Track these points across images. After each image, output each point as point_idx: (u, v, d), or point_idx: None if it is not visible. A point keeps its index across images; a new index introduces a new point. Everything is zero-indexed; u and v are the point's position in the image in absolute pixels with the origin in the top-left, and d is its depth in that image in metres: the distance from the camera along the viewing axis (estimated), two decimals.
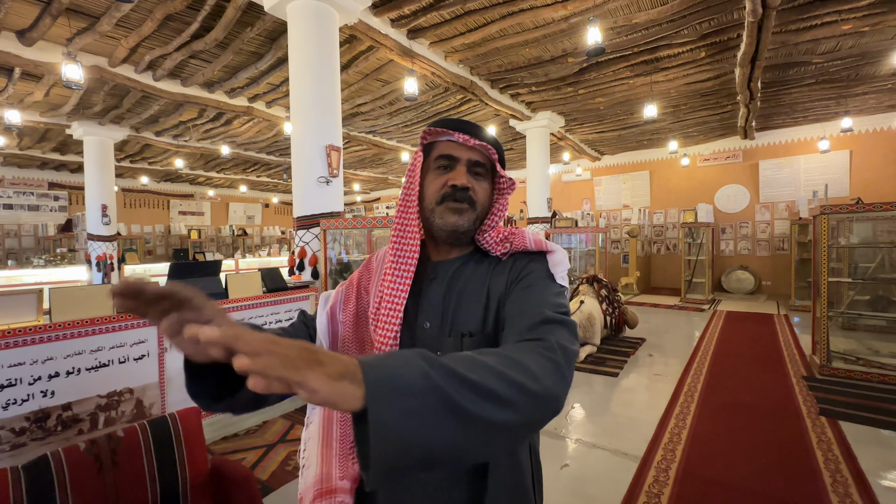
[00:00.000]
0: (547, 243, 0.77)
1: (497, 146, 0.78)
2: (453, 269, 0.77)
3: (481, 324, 0.72)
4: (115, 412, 2.28)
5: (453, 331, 0.72)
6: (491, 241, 0.77)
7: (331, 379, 0.38)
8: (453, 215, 0.73)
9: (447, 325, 0.73)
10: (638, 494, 2.07)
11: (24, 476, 1.18)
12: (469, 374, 0.44)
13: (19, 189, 10.44)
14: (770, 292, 8.71)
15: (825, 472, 2.23)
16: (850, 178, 7.99)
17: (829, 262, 3.87)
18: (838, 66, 5.43)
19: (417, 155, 0.78)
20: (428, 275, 0.78)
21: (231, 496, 1.43)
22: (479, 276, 0.76)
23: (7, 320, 2.08)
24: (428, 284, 0.77)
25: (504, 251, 0.77)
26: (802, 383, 3.53)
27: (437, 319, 0.74)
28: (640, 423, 2.88)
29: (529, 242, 0.76)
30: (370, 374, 0.40)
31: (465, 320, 0.73)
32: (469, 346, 0.70)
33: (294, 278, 3.65)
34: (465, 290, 0.75)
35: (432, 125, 0.76)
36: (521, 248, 0.76)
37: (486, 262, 0.78)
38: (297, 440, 2.68)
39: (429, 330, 0.74)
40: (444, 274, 0.77)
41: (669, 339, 5.24)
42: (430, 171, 0.77)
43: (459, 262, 0.78)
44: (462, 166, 0.74)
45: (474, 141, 0.73)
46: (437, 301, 0.75)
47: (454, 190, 0.73)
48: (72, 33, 4.33)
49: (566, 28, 4.48)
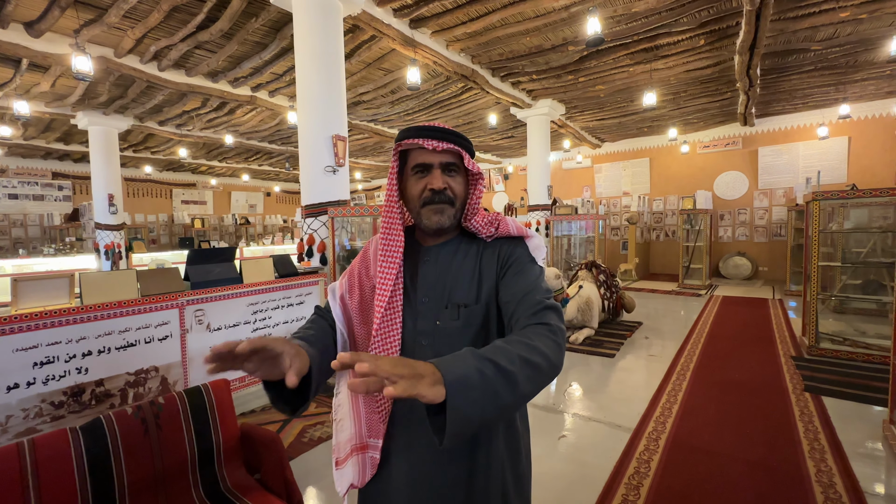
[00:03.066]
0: (526, 230, 0.91)
1: (462, 142, 0.86)
2: (444, 251, 0.90)
3: (475, 297, 0.86)
4: (142, 388, 2.44)
5: (450, 303, 0.85)
6: (478, 224, 0.89)
7: (431, 386, 0.54)
8: (435, 215, 0.85)
9: (444, 299, 0.86)
10: (629, 461, 2.24)
11: (83, 436, 1.34)
12: (507, 365, 0.62)
13: (24, 179, 10.54)
14: (766, 278, 8.86)
15: (804, 441, 2.39)
16: (848, 165, 8.06)
17: (822, 248, 4.00)
18: (837, 52, 5.47)
19: (394, 162, 0.89)
20: (422, 258, 0.91)
21: (260, 456, 1.59)
22: (469, 257, 0.89)
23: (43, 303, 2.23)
24: (422, 266, 0.90)
25: (490, 234, 0.89)
26: (791, 363, 3.69)
27: (434, 294, 0.87)
28: (635, 400, 3.04)
29: (513, 229, 0.89)
30: (448, 378, 0.56)
31: (459, 294, 0.86)
32: (464, 315, 0.84)
33: (303, 264, 3.79)
34: (458, 268, 0.88)
35: (401, 133, 0.85)
36: (506, 233, 0.89)
37: (475, 243, 0.91)
38: (310, 416, 2.85)
39: (427, 303, 0.87)
40: (435, 256, 0.90)
41: (666, 322, 5.40)
42: (411, 176, 0.87)
43: (451, 246, 0.91)
44: (437, 170, 0.85)
45: (443, 146, 0.83)
46: (432, 279, 0.88)
47: (433, 193, 0.84)
48: (79, 24, 4.39)
49: (567, 17, 4.54)
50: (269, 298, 3.17)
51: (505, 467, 0.86)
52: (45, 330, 2.07)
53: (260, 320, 3.12)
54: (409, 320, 0.87)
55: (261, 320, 3.12)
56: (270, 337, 0.68)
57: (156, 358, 2.50)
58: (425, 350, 0.84)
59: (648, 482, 2.05)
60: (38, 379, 2.05)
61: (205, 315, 2.76)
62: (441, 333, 0.84)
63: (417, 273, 0.90)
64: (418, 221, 0.89)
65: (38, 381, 2.06)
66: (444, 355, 0.64)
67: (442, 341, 0.84)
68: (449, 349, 0.73)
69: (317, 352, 0.80)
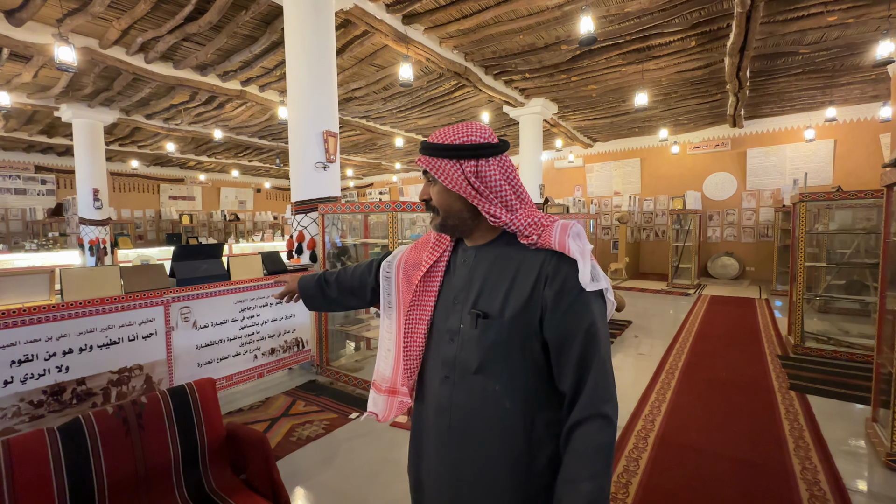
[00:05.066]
0: (571, 247, 0.76)
1: (430, 149, 0.83)
2: (481, 254, 0.86)
3: (499, 309, 0.79)
4: (125, 387, 2.39)
5: (473, 309, 0.82)
6: (518, 224, 0.80)
7: None
8: (432, 223, 0.90)
9: (469, 304, 0.84)
10: (618, 459, 2.25)
11: (61, 436, 1.30)
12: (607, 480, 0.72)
13: (5, 172, 10.27)
14: (753, 277, 8.99)
15: (789, 439, 2.42)
16: (834, 167, 8.21)
17: (808, 248, 4.06)
18: (824, 56, 5.56)
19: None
20: (459, 258, 0.91)
21: (247, 456, 1.56)
22: (506, 267, 0.82)
23: (21, 299, 2.16)
24: (459, 266, 0.90)
25: (532, 242, 0.79)
26: (777, 361, 3.75)
27: (461, 296, 0.86)
28: (624, 399, 3.06)
29: (554, 242, 0.77)
30: None
31: (485, 302, 0.81)
32: (482, 325, 0.80)
33: (293, 262, 3.74)
34: (489, 274, 0.83)
35: None
36: (547, 245, 0.78)
37: (515, 249, 0.82)
38: (298, 414, 2.82)
39: (455, 305, 0.87)
40: (471, 257, 0.88)
41: (655, 321, 5.45)
42: None
43: (489, 249, 0.86)
44: (424, 180, 0.90)
45: (419, 159, 0.86)
46: (463, 281, 0.87)
47: (425, 203, 0.90)
48: (62, 14, 4.28)
49: (560, 16, 4.53)
50: (258, 296, 3.12)
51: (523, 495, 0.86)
52: (23, 327, 2.01)
53: (248, 318, 3.08)
54: (442, 313, 0.89)
55: (248, 318, 3.08)
56: (289, 279, 1.25)
57: (140, 356, 2.44)
58: (451, 345, 0.86)
59: (637, 480, 2.06)
60: (15, 378, 1.99)
61: (191, 312, 2.71)
62: (464, 335, 0.84)
63: (456, 272, 0.90)
64: None
65: (16, 380, 2.00)
66: (466, 356, 0.82)
67: (464, 343, 0.84)
68: (468, 353, 0.82)
69: (320, 291, 1.18)
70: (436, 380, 0.89)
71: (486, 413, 0.81)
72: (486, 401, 0.81)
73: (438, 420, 0.87)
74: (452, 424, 0.84)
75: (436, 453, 0.89)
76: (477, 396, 0.81)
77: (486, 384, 0.80)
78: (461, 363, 0.83)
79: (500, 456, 0.80)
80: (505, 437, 0.80)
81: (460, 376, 0.83)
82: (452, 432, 0.85)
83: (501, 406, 0.79)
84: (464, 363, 0.83)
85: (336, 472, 2.19)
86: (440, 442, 0.88)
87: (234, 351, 2.99)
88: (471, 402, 0.82)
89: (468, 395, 0.82)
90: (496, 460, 0.81)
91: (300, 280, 1.22)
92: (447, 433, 0.86)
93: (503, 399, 0.79)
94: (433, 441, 0.90)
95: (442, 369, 0.87)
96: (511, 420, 0.79)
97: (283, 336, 3.35)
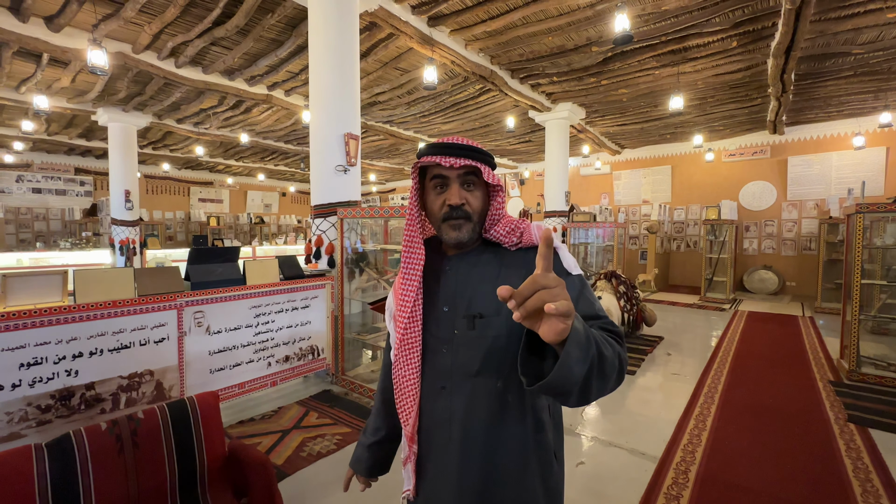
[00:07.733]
0: (543, 231, 0.80)
1: (480, 155, 0.83)
2: (465, 261, 0.89)
3: (495, 308, 0.82)
4: (135, 393, 2.32)
5: (467, 313, 0.84)
6: (499, 233, 0.87)
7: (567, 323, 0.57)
8: (453, 231, 0.84)
9: (461, 309, 0.85)
10: (656, 497, 2.02)
11: (48, 454, 1.20)
12: (603, 349, 0.65)
13: (47, 174, 10.75)
14: (795, 293, 8.44)
15: (854, 482, 2.14)
16: (886, 177, 7.63)
17: (863, 263, 3.70)
18: (880, 57, 5.15)
19: (414, 180, 0.90)
20: (444, 267, 0.90)
21: (248, 480, 1.44)
22: (491, 267, 0.87)
23: (33, 300, 2.13)
24: (445, 275, 0.90)
25: (513, 243, 0.86)
26: (829, 388, 3.41)
27: (452, 303, 0.86)
28: (658, 423, 2.81)
29: (536, 239, 0.85)
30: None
31: (478, 305, 0.83)
32: (480, 325, 0.82)
33: (311, 266, 3.66)
34: (477, 279, 0.86)
35: (420, 150, 0.85)
36: (530, 243, 0.85)
37: (498, 253, 0.88)
38: (311, 427, 2.70)
39: (447, 312, 0.86)
40: (456, 266, 0.89)
41: (688, 338, 5.12)
42: (430, 190, 0.87)
43: (472, 256, 0.89)
44: (455, 184, 0.83)
45: (460, 162, 0.81)
46: (451, 289, 0.87)
47: (451, 209, 0.83)
48: (97, 19, 4.38)
49: (591, 15, 4.34)
50: (273, 301, 3.04)
51: (534, 477, 0.82)
52: (33, 329, 1.96)
53: (262, 324, 2.99)
54: (432, 327, 0.88)
55: (263, 324, 3.00)
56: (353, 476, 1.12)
57: (151, 361, 2.38)
58: (445, 357, 0.85)
59: None
60: (23, 381, 1.94)
61: (204, 317, 2.64)
62: (459, 342, 0.84)
63: (441, 282, 0.90)
64: (439, 235, 0.90)
65: (24, 384, 1.95)
66: (464, 360, 0.81)
67: (459, 350, 0.84)
68: (466, 358, 0.82)
69: (366, 446, 1.12)
70: (431, 395, 0.87)
71: (489, 412, 0.81)
72: (487, 400, 0.81)
73: (438, 433, 0.85)
74: (453, 436, 0.83)
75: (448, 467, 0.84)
76: (477, 397, 0.82)
77: (487, 383, 0.82)
78: (459, 369, 0.84)
79: (509, 449, 0.81)
80: (511, 427, 0.81)
81: (458, 382, 0.84)
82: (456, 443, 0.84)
83: (503, 400, 0.81)
84: (462, 368, 0.83)
85: (347, 494, 2.04)
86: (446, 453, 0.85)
87: (247, 358, 2.91)
88: (471, 405, 0.82)
89: (467, 399, 0.83)
90: (507, 453, 0.81)
91: (350, 463, 1.13)
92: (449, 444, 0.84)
93: (505, 394, 0.81)
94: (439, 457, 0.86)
95: (437, 381, 0.86)
96: (514, 410, 0.81)
97: (299, 343, 3.25)
